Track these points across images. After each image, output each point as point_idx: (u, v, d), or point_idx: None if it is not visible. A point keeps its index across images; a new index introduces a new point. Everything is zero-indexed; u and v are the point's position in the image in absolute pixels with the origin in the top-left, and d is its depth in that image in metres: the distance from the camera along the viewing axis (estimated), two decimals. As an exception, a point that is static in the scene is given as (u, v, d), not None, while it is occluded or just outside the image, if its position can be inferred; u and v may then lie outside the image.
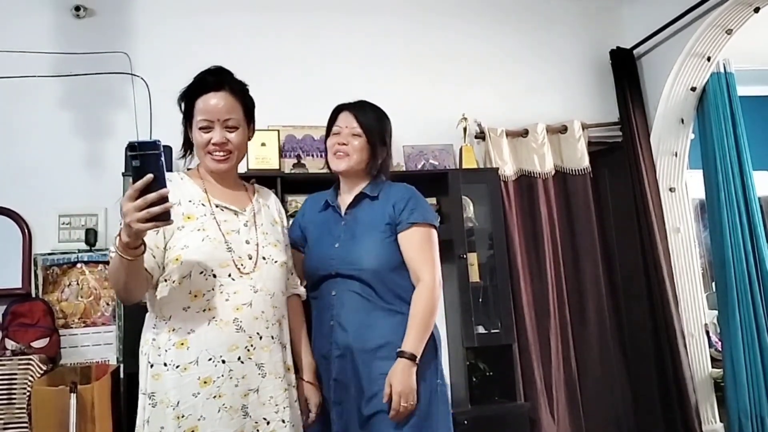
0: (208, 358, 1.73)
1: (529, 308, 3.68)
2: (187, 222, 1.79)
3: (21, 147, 3.33)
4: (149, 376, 1.75)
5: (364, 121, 2.15)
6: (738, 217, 3.79)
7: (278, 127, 3.53)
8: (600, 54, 4.20)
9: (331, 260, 2.09)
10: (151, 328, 1.79)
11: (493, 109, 3.91)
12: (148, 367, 1.76)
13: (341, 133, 2.15)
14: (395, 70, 3.84)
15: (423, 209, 2.12)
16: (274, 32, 3.77)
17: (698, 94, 3.96)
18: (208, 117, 1.86)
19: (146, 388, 1.75)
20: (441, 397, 2.04)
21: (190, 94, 1.91)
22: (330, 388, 2.04)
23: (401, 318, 2.02)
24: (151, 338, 1.78)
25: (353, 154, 2.12)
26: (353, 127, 2.14)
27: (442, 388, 2.06)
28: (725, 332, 3.78)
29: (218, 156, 1.89)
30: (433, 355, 2.06)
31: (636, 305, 3.90)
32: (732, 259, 3.76)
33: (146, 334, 1.81)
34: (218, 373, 1.73)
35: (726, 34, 3.73)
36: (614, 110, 4.12)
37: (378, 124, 2.17)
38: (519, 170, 3.89)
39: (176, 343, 1.73)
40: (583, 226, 3.88)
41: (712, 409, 3.83)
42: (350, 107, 2.20)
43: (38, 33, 3.44)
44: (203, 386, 1.71)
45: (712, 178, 3.87)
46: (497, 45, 4.11)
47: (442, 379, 2.07)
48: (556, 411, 3.60)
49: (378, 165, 2.18)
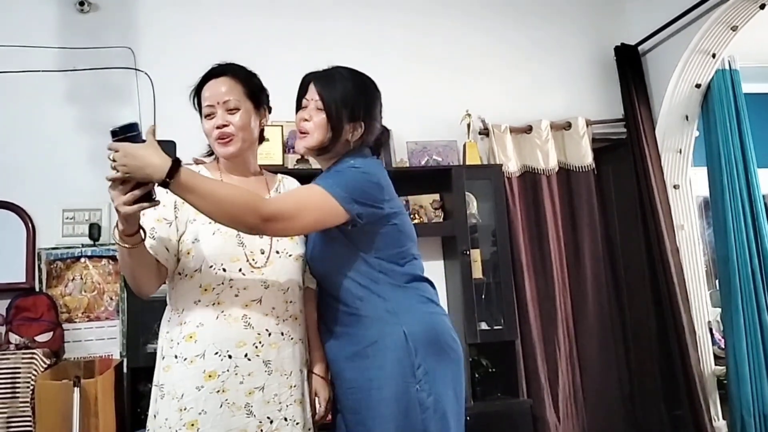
0: (215, 352, 1.71)
1: (533, 305, 3.68)
2: (200, 214, 1.70)
3: (25, 142, 3.34)
4: (161, 368, 1.76)
5: (326, 94, 1.86)
6: (742, 215, 3.78)
7: (282, 122, 3.53)
8: (604, 50, 4.19)
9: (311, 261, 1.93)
10: (167, 321, 1.81)
11: (497, 105, 3.91)
12: (160, 359, 1.77)
13: (308, 106, 1.90)
14: (399, 66, 3.84)
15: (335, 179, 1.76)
16: (278, 27, 3.77)
17: (703, 90, 3.94)
18: (210, 102, 1.84)
19: (158, 380, 1.77)
20: (423, 403, 1.71)
21: (198, 89, 1.90)
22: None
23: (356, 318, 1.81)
24: (165, 331, 1.79)
25: (313, 132, 1.85)
26: (317, 100, 1.87)
27: (422, 394, 1.72)
28: (728, 330, 3.77)
29: (222, 140, 1.84)
30: (406, 356, 1.73)
31: (640, 302, 3.90)
32: (736, 257, 3.75)
33: (163, 327, 1.82)
34: (224, 368, 1.71)
35: (731, 31, 3.71)
36: (618, 107, 4.11)
37: (346, 97, 1.86)
38: (523, 167, 3.88)
39: (186, 336, 1.73)
40: (586, 222, 3.88)
41: (715, 406, 3.82)
42: (317, 77, 1.93)
43: (42, 28, 3.44)
44: (208, 380, 1.69)
45: (717, 175, 3.86)
46: (501, 41, 4.10)
47: (421, 384, 1.72)
48: (560, 408, 3.60)
49: (342, 143, 1.87)
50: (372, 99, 1.95)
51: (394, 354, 1.73)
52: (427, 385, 1.73)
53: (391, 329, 1.76)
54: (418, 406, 1.71)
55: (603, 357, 3.76)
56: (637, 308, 3.91)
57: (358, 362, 1.78)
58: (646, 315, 3.85)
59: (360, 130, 1.88)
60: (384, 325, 1.77)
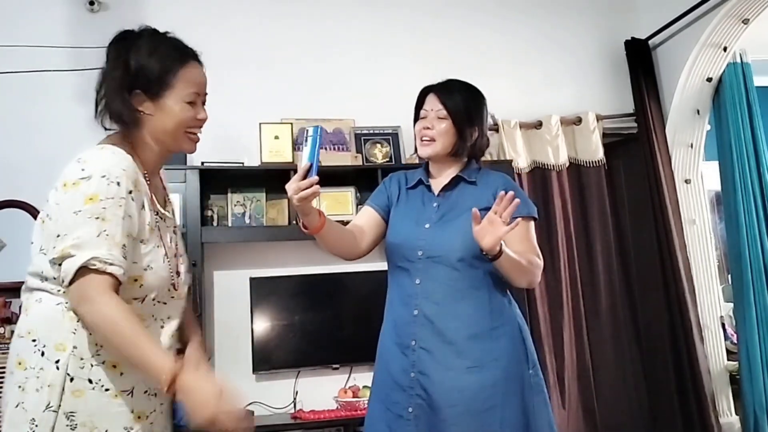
0: (144, 390, 1.50)
1: (542, 300, 3.67)
2: (151, 234, 1.53)
3: (37, 141, 3.36)
4: (67, 391, 1.42)
5: (449, 102, 2.04)
6: (754, 209, 3.76)
7: (291, 120, 3.53)
8: (615, 45, 4.16)
9: (419, 241, 2.00)
10: (71, 332, 1.45)
11: (506, 100, 3.87)
12: (65, 379, 1.42)
13: (427, 117, 2.06)
14: (408, 62, 3.82)
15: (525, 201, 2.02)
16: (288, 25, 3.77)
17: (714, 84, 3.92)
18: (198, 90, 1.61)
19: (63, 405, 1.42)
20: (535, 387, 1.93)
21: (168, 60, 1.58)
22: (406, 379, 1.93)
23: (488, 310, 1.94)
24: (71, 345, 1.44)
25: (438, 138, 2.03)
26: (438, 110, 2.04)
27: (536, 379, 1.95)
28: (741, 325, 3.76)
29: (197, 136, 1.64)
30: (521, 343, 1.96)
31: (651, 298, 3.87)
32: (748, 252, 3.73)
33: (58, 336, 1.45)
34: (151, 408, 1.52)
35: (742, 24, 3.69)
36: (629, 101, 4.09)
37: (465, 103, 2.06)
38: (533, 162, 3.87)
39: (107, 363, 1.45)
40: (597, 218, 3.87)
41: (727, 401, 3.80)
42: (436, 88, 2.10)
43: (53, 27, 3.46)
44: (137, 421, 1.47)
45: (728, 169, 3.84)
46: (511, 36, 4.09)
47: (534, 369, 1.96)
48: (568, 402, 3.59)
49: (467, 147, 2.07)
50: (483, 105, 2.13)
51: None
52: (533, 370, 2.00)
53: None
54: (534, 388, 1.96)
55: (614, 352, 3.75)
56: (649, 304, 3.89)
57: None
58: (657, 310, 3.83)
59: (476, 134, 2.07)
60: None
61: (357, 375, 3.41)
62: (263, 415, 3.30)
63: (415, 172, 2.18)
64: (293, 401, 3.37)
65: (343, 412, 3.19)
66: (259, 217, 3.44)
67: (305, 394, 3.39)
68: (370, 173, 3.51)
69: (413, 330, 1.94)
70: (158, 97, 1.56)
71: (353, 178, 3.55)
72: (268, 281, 3.44)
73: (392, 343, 1.99)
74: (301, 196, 1.76)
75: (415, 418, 1.89)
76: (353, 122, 3.70)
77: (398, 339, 1.98)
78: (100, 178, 1.45)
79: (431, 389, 1.88)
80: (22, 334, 1.48)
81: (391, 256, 2.08)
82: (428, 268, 1.97)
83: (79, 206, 1.43)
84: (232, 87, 3.49)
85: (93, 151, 1.54)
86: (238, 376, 3.33)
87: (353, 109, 3.71)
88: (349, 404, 3.20)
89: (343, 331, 3.45)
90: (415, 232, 2.02)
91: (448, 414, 1.85)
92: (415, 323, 1.94)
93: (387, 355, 2.01)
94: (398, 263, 2.04)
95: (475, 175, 2.09)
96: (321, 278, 3.51)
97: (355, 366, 3.42)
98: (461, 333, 1.91)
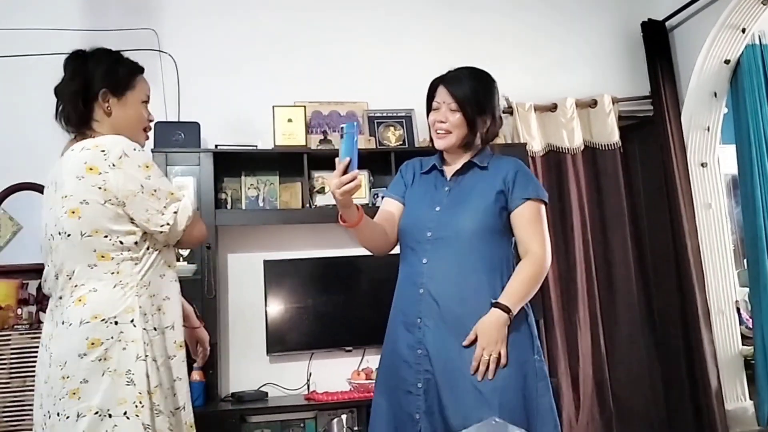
0: (181, 324, 1.91)
1: (555, 286, 3.67)
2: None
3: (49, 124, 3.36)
4: (147, 340, 1.77)
5: (459, 94, 2.07)
6: (772, 193, 3.73)
7: (305, 103, 3.53)
8: (631, 26, 4.12)
9: (430, 222, 2.04)
10: (135, 296, 1.79)
11: (521, 83, 3.85)
12: (144, 333, 1.76)
13: (440, 109, 2.09)
14: (422, 46, 3.80)
15: (535, 184, 2.07)
16: (301, 8, 3.75)
17: (732, 66, 3.87)
18: (148, 97, 2.01)
19: (152, 353, 1.77)
20: (539, 373, 1.95)
21: (131, 67, 1.99)
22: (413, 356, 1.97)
23: (494, 291, 1.96)
24: (137, 305, 1.78)
25: (453, 130, 2.06)
26: (449, 103, 2.07)
27: (540, 365, 1.97)
28: (756, 310, 3.74)
29: (147, 134, 2.05)
30: (527, 330, 2.00)
31: (666, 282, 3.86)
32: (764, 236, 3.70)
33: (123, 304, 1.77)
34: (184, 338, 1.92)
35: (762, 5, 3.63)
36: (645, 84, 4.04)
37: (475, 93, 2.08)
38: (547, 145, 3.85)
39: (156, 309, 1.84)
40: (612, 202, 3.85)
41: (741, 386, 3.80)
42: (445, 80, 2.12)
43: (65, 10, 3.47)
44: (179, 349, 1.86)
45: (746, 153, 3.80)
46: (525, 18, 4.05)
47: (539, 356, 2.00)
48: (580, 389, 3.59)
49: (479, 135, 2.10)
50: (493, 91, 2.14)
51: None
52: (538, 356, 2.02)
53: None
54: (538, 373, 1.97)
55: (628, 338, 3.75)
56: (664, 289, 3.87)
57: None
58: (672, 296, 3.81)
59: (488, 122, 2.09)
60: None
61: (370, 357, 3.43)
62: (277, 396, 3.33)
63: (429, 159, 2.22)
64: (307, 383, 3.39)
65: (356, 393, 3.22)
66: (273, 200, 3.45)
67: (318, 376, 3.42)
68: (384, 156, 3.51)
69: (419, 308, 1.98)
70: (123, 95, 1.93)
71: (366, 162, 3.52)
72: (281, 264, 3.45)
73: (399, 321, 2.05)
74: (344, 190, 1.82)
75: (424, 393, 1.93)
76: (366, 105, 3.69)
77: (404, 317, 2.02)
78: (133, 151, 1.80)
79: (436, 366, 1.93)
80: (87, 320, 1.72)
81: (403, 237, 2.12)
82: (437, 249, 2.00)
83: (143, 175, 1.79)
84: (245, 70, 3.50)
85: (97, 140, 1.85)
86: (252, 357, 3.37)
87: (367, 92, 3.70)
88: (362, 386, 3.23)
89: (356, 313, 3.47)
90: (426, 214, 2.06)
91: (450, 391, 1.90)
92: (421, 302, 1.98)
93: (394, 333, 2.06)
94: (409, 244, 2.09)
95: (487, 160, 2.11)
96: (334, 261, 3.53)
97: (368, 348, 3.44)
98: (466, 312, 1.94)
